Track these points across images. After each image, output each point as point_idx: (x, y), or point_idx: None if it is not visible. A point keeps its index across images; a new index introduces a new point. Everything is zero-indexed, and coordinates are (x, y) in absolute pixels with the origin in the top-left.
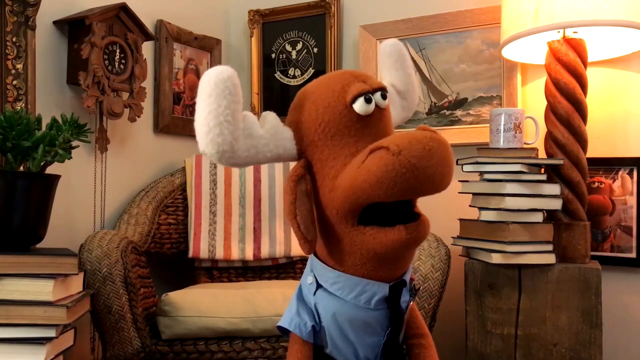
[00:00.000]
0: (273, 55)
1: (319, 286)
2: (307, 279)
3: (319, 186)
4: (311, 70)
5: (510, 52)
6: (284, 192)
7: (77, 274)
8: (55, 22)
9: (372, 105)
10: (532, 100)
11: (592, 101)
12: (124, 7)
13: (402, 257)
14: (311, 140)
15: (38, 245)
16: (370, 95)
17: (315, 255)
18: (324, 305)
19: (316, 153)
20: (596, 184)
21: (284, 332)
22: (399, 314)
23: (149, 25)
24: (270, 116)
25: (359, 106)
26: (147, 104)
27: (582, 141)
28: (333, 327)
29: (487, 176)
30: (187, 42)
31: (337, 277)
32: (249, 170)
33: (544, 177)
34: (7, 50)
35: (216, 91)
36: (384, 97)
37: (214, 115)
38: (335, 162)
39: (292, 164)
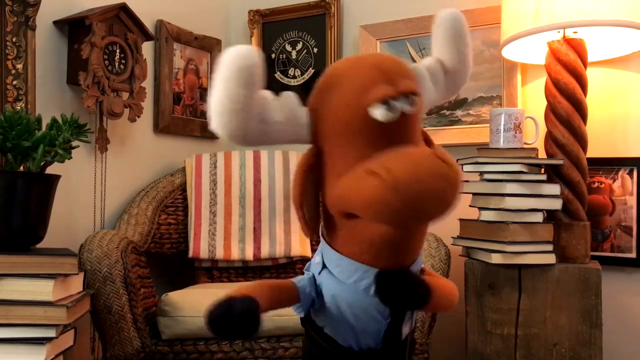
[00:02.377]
0: (273, 56)
1: (324, 266)
2: (316, 258)
3: (325, 177)
4: (311, 70)
5: (510, 52)
6: (294, 179)
7: (77, 274)
8: (55, 22)
9: (395, 114)
10: (532, 100)
11: (592, 101)
12: (124, 7)
13: (399, 249)
14: (326, 133)
15: (38, 245)
16: (394, 102)
17: (324, 236)
18: (326, 285)
19: (327, 145)
20: (596, 184)
21: None
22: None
23: (149, 25)
24: (290, 99)
25: (379, 114)
26: (147, 104)
27: (582, 141)
28: (333, 308)
29: (487, 176)
30: (187, 42)
31: (340, 260)
32: (249, 170)
33: (544, 177)
34: (7, 50)
35: (234, 76)
36: (412, 102)
37: (229, 101)
38: (342, 161)
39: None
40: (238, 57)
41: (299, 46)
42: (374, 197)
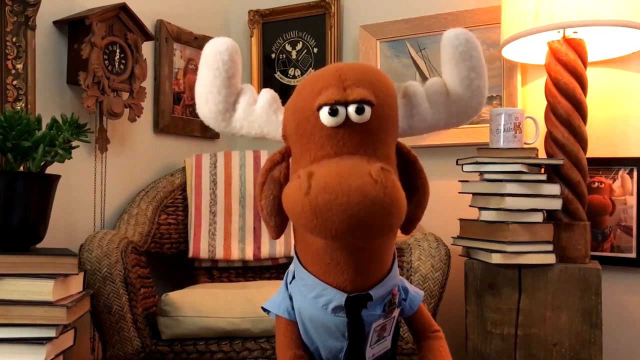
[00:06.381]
0: (273, 55)
1: (294, 277)
2: (291, 266)
3: (290, 177)
4: (311, 70)
5: (510, 52)
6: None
7: (77, 274)
8: (55, 22)
9: (339, 119)
10: (532, 100)
11: (592, 101)
12: (124, 7)
13: (347, 268)
14: (289, 133)
15: (38, 245)
16: (339, 107)
17: (295, 244)
18: (295, 297)
19: (290, 145)
20: (596, 184)
21: (267, 312)
22: (358, 327)
23: (149, 25)
24: (265, 95)
25: (323, 117)
26: (147, 104)
27: (582, 141)
28: (299, 319)
29: (487, 176)
30: (187, 42)
31: (302, 273)
32: (249, 170)
33: (544, 177)
34: (7, 50)
35: (208, 62)
36: (359, 111)
37: (203, 85)
38: (299, 161)
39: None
40: (211, 44)
41: (299, 46)
42: (290, 199)
